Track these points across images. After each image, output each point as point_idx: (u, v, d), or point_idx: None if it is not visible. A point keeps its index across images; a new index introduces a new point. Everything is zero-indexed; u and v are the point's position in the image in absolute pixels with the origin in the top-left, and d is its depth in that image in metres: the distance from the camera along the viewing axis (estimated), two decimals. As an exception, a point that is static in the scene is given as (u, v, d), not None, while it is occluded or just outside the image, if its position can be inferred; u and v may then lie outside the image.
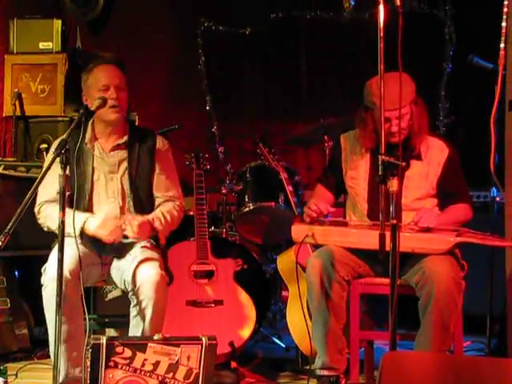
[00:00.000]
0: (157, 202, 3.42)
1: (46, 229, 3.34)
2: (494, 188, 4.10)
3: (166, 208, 3.38)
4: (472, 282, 3.19)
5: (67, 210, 2.78)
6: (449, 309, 3.00)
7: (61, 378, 2.95)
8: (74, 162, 3.19)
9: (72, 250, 3.03)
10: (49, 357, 3.55)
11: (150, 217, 3.30)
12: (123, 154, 3.39)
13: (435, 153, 3.31)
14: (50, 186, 3.24)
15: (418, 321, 3.08)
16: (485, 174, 2.97)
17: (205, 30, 5.76)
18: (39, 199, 3.32)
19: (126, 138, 3.39)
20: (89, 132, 3.38)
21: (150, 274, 3.12)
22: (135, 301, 3.14)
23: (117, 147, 3.39)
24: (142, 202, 3.38)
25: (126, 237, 3.26)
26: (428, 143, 3.32)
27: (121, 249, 3.30)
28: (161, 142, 3.48)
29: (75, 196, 3.25)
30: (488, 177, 2.91)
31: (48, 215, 3.30)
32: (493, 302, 3.95)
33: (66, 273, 2.94)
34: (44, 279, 3.10)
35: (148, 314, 3.11)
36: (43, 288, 3.09)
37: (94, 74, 3.33)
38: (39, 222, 3.36)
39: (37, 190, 2.81)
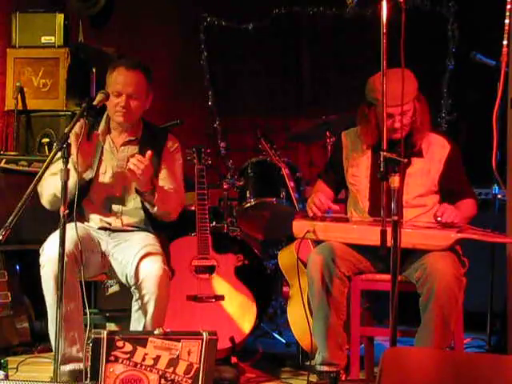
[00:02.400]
0: None
1: (43, 201, 3.31)
2: (495, 185, 4.10)
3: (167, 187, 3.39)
4: (473, 279, 3.19)
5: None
6: (449, 305, 3.00)
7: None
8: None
9: (71, 232, 2.99)
10: (50, 350, 3.54)
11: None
12: (134, 150, 3.40)
13: (437, 149, 3.31)
14: (56, 164, 3.22)
15: (419, 317, 3.08)
16: (486, 171, 2.96)
17: (207, 25, 5.76)
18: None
19: (138, 135, 3.42)
20: (102, 124, 3.40)
21: (152, 269, 3.13)
22: (137, 295, 3.15)
23: (128, 143, 3.42)
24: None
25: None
26: (429, 140, 3.32)
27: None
28: (170, 143, 3.49)
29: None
30: (490, 174, 2.90)
31: (45, 182, 3.21)
32: (493, 299, 3.96)
33: (59, 267, 2.91)
34: (42, 259, 3.13)
35: (150, 308, 3.12)
36: (41, 268, 3.12)
37: (114, 74, 3.31)
38: (40, 198, 3.31)
39: (38, 185, 2.81)
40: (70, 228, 2.96)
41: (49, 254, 3.09)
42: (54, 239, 3.13)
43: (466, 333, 3.35)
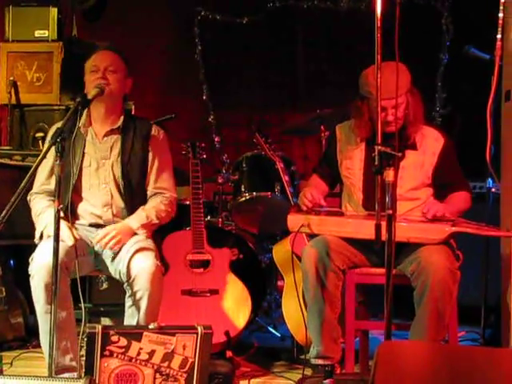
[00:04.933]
0: (148, 194, 3.42)
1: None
2: (489, 179, 4.10)
3: (152, 204, 3.38)
4: (467, 273, 3.19)
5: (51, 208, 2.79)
6: (444, 299, 3.01)
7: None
8: (67, 147, 3.16)
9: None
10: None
11: (131, 222, 3.28)
12: (116, 139, 3.37)
13: (430, 142, 3.31)
14: (40, 177, 3.30)
15: (413, 311, 3.09)
16: (481, 164, 2.97)
17: (202, 19, 5.75)
18: (32, 189, 3.36)
19: (119, 123, 3.38)
20: (84, 117, 3.35)
21: (145, 265, 3.11)
22: (130, 291, 3.14)
23: (110, 132, 3.38)
24: (133, 188, 3.36)
25: None
26: (423, 133, 3.32)
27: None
28: (156, 131, 3.46)
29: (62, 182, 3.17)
30: (484, 167, 2.91)
31: (32, 207, 3.33)
32: (487, 293, 3.96)
33: (53, 263, 2.90)
34: (31, 269, 3.07)
35: (143, 304, 3.11)
36: (31, 278, 3.06)
37: (91, 58, 3.35)
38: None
39: (31, 179, 2.81)
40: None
41: (38, 262, 3.03)
42: (43, 247, 3.08)
43: (460, 326, 3.36)
